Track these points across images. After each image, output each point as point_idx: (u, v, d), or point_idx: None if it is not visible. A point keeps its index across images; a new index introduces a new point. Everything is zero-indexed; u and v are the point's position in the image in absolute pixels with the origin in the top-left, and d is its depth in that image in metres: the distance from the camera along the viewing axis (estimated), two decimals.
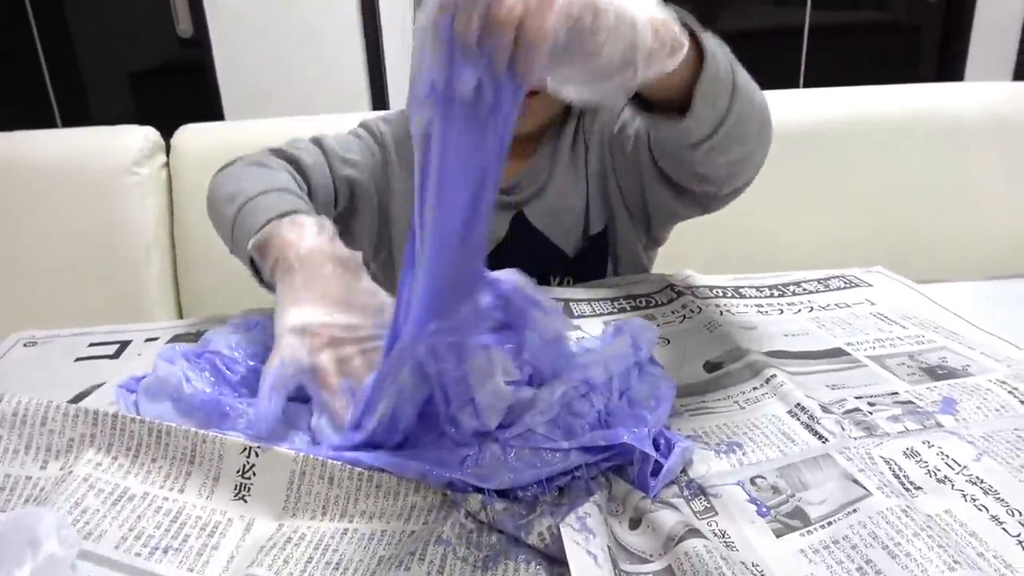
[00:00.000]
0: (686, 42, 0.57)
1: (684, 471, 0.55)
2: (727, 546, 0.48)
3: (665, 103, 0.67)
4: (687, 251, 1.02)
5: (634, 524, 0.51)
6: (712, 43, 0.64)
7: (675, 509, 0.50)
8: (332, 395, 0.59)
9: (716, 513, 0.51)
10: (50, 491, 0.52)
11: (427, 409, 0.56)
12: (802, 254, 0.83)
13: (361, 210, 0.97)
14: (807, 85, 2.75)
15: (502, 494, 0.52)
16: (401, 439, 0.56)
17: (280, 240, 0.67)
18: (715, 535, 0.49)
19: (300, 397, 0.60)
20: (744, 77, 0.68)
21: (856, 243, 1.43)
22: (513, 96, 0.47)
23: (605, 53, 0.50)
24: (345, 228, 0.97)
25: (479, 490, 0.52)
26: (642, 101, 0.69)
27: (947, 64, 2.76)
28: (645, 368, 0.63)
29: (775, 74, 2.76)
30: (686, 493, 0.53)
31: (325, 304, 0.62)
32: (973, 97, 1.48)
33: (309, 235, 0.67)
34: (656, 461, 0.53)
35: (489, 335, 0.55)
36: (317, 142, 0.95)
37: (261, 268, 0.70)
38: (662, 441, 0.55)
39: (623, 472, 0.55)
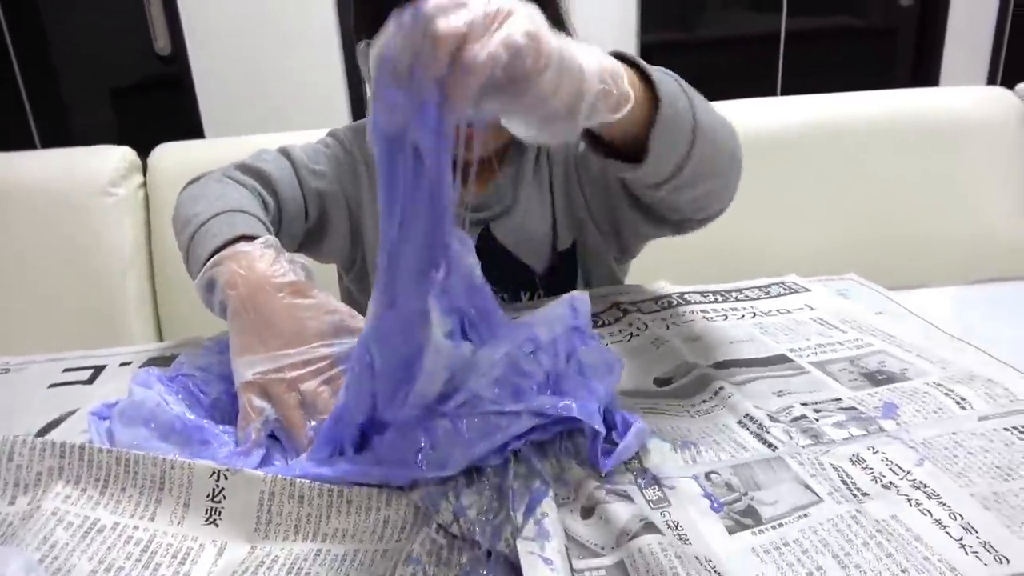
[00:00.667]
0: (632, 95, 0.55)
1: (639, 459, 0.54)
2: (680, 538, 0.47)
3: (620, 146, 0.65)
4: (661, 261, 1.01)
5: (586, 513, 0.50)
6: (669, 85, 0.61)
7: (628, 500, 0.50)
8: (302, 445, 0.58)
9: (669, 504, 0.50)
10: (18, 527, 0.50)
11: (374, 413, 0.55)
12: (781, 262, 0.83)
13: (332, 222, 0.94)
14: (785, 91, 2.76)
15: (468, 482, 0.51)
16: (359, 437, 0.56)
17: (223, 279, 0.64)
18: (668, 526, 0.48)
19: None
20: (707, 114, 0.66)
21: (836, 249, 1.41)
22: (437, 127, 0.44)
23: (547, 97, 0.48)
24: (317, 241, 0.94)
25: (445, 495, 0.51)
26: (596, 139, 0.66)
27: (922, 68, 2.78)
28: (588, 338, 0.61)
29: (753, 80, 2.77)
30: (640, 482, 0.52)
31: (276, 344, 0.60)
32: (949, 101, 1.48)
33: (252, 267, 0.64)
34: (605, 439, 0.52)
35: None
36: (285, 153, 0.92)
37: (211, 307, 0.67)
38: (618, 419, 0.54)
39: (576, 442, 0.54)
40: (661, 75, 0.62)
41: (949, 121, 1.45)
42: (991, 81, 2.73)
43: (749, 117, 1.43)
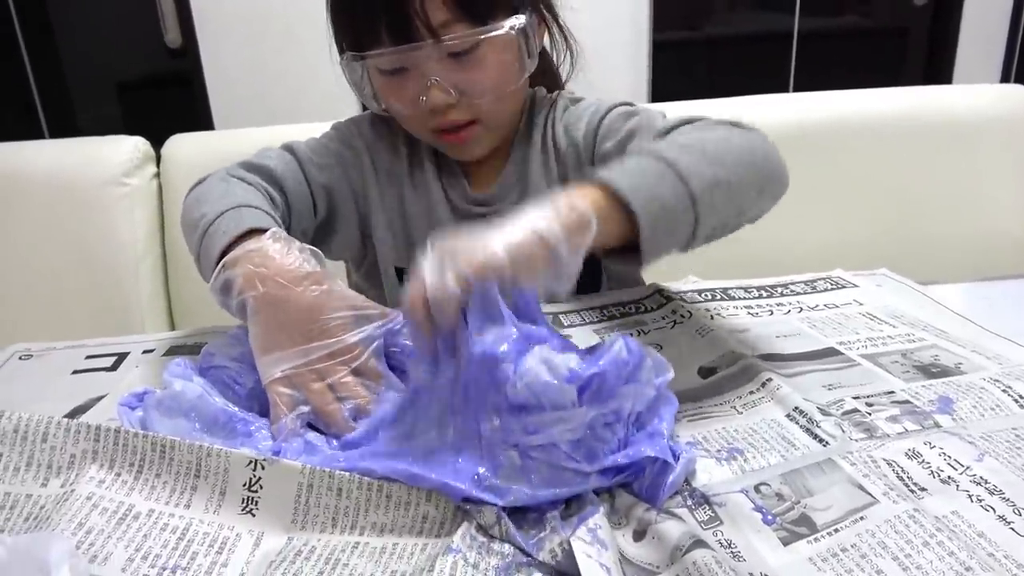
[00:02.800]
0: (593, 221, 0.57)
1: (687, 481, 0.53)
2: (734, 556, 0.46)
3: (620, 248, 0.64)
4: (685, 258, 1.00)
5: (638, 536, 0.49)
6: (646, 180, 0.61)
7: (680, 520, 0.49)
8: (343, 429, 0.58)
9: (721, 522, 0.49)
10: (51, 510, 0.49)
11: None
12: (801, 259, 0.82)
13: (341, 216, 0.92)
14: (796, 90, 2.75)
15: (515, 512, 0.50)
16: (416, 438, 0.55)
17: (240, 281, 0.62)
18: (721, 545, 0.47)
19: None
20: (710, 170, 0.64)
21: (854, 246, 1.40)
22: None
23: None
24: (326, 237, 0.93)
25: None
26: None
27: (935, 67, 2.76)
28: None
29: (765, 79, 2.76)
30: (690, 503, 0.51)
31: (300, 339, 0.59)
32: (963, 99, 1.46)
33: (267, 263, 0.62)
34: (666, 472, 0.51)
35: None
36: (289, 149, 0.90)
37: (228, 309, 0.65)
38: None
39: (627, 486, 0.53)
40: (632, 173, 0.62)
41: (963, 119, 1.44)
42: (1005, 80, 2.72)
43: (762, 113, 1.42)
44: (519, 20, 0.79)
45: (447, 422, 0.53)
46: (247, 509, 0.51)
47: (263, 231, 0.67)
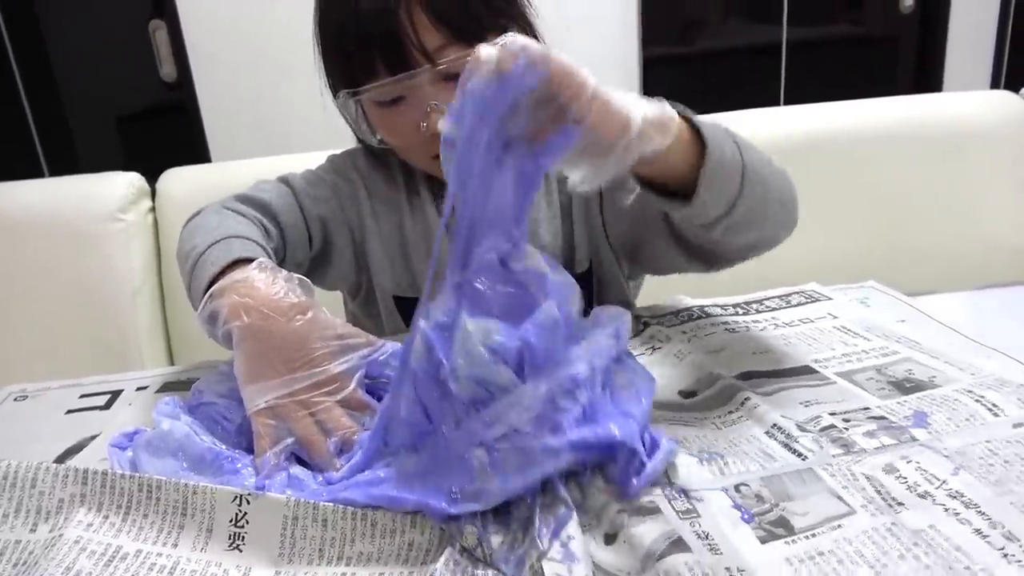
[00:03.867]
0: (677, 119, 0.56)
1: (667, 474, 0.53)
2: (711, 549, 0.46)
3: (670, 185, 0.65)
4: (676, 275, 1.01)
5: (609, 539, 0.49)
6: (714, 129, 0.62)
7: (655, 514, 0.49)
8: (327, 461, 0.58)
9: (699, 515, 0.49)
10: (40, 555, 0.50)
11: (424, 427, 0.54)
12: (794, 271, 0.83)
13: (336, 248, 0.93)
14: (788, 101, 2.75)
15: (496, 516, 0.51)
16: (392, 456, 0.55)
17: (225, 311, 0.63)
18: (698, 536, 0.47)
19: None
20: (758, 161, 0.66)
21: (843, 258, 1.40)
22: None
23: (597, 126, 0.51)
24: (322, 268, 0.94)
25: (474, 514, 0.50)
26: (648, 183, 0.67)
27: (925, 74, 2.77)
28: (622, 358, 0.60)
29: (756, 91, 2.77)
30: (667, 492, 0.51)
31: (285, 369, 0.59)
32: (954, 106, 1.47)
33: (253, 294, 0.62)
34: (639, 461, 0.52)
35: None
36: (285, 181, 0.91)
37: (215, 338, 0.66)
38: (646, 438, 0.53)
39: (602, 469, 0.53)
40: (706, 121, 0.63)
41: (955, 126, 1.44)
42: (995, 85, 2.73)
43: (755, 127, 1.42)
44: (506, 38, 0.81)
45: (419, 445, 0.54)
46: (234, 545, 0.52)
47: (251, 260, 0.67)
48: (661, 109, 0.55)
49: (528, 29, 0.86)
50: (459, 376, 0.51)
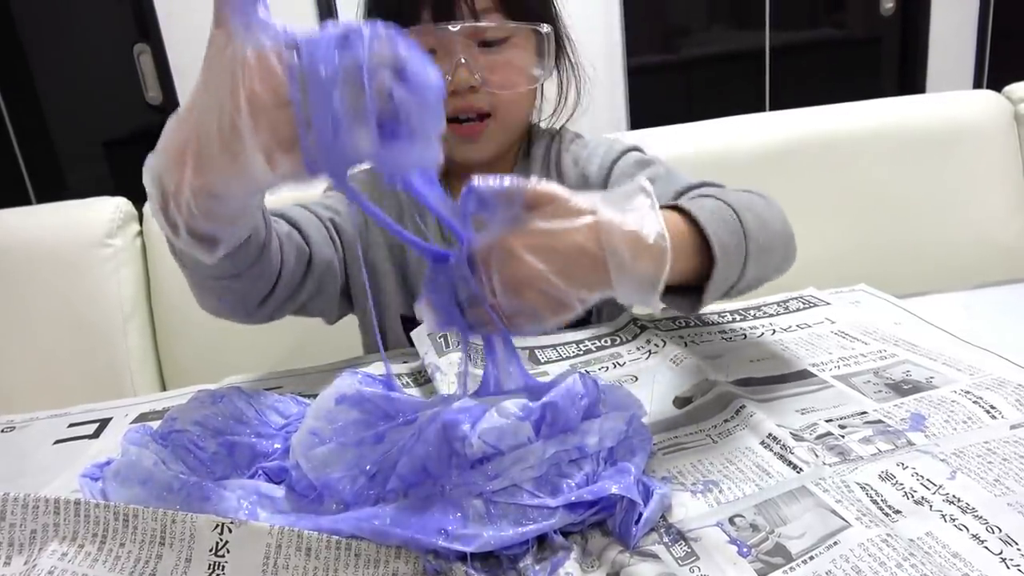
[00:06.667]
0: (668, 255, 0.54)
1: (663, 516, 0.52)
2: None
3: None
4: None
5: None
6: (715, 217, 0.61)
7: (655, 559, 0.48)
8: None
9: (698, 558, 0.48)
10: None
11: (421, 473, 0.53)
12: (785, 277, 0.82)
13: (348, 259, 0.92)
14: (773, 105, 2.76)
15: (485, 557, 0.49)
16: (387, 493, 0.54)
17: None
18: None
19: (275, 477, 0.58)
20: (759, 231, 0.65)
21: (834, 261, 1.36)
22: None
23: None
24: (345, 285, 0.92)
25: (462, 557, 0.49)
26: None
27: (908, 75, 2.78)
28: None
29: (741, 96, 2.78)
30: (666, 539, 0.50)
31: None
32: (939, 107, 1.47)
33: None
34: (638, 512, 0.51)
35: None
36: (299, 205, 0.89)
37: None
38: (640, 487, 0.52)
39: (600, 523, 0.52)
40: (711, 222, 0.61)
41: (940, 127, 1.44)
42: (977, 84, 2.73)
43: (741, 133, 1.42)
44: (547, 27, 0.84)
45: (411, 492, 0.53)
46: (214, 574, 0.50)
47: None
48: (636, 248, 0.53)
49: (559, 30, 0.90)
50: (475, 437, 0.51)
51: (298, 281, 0.81)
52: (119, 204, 1.37)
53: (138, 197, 1.40)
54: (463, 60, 0.80)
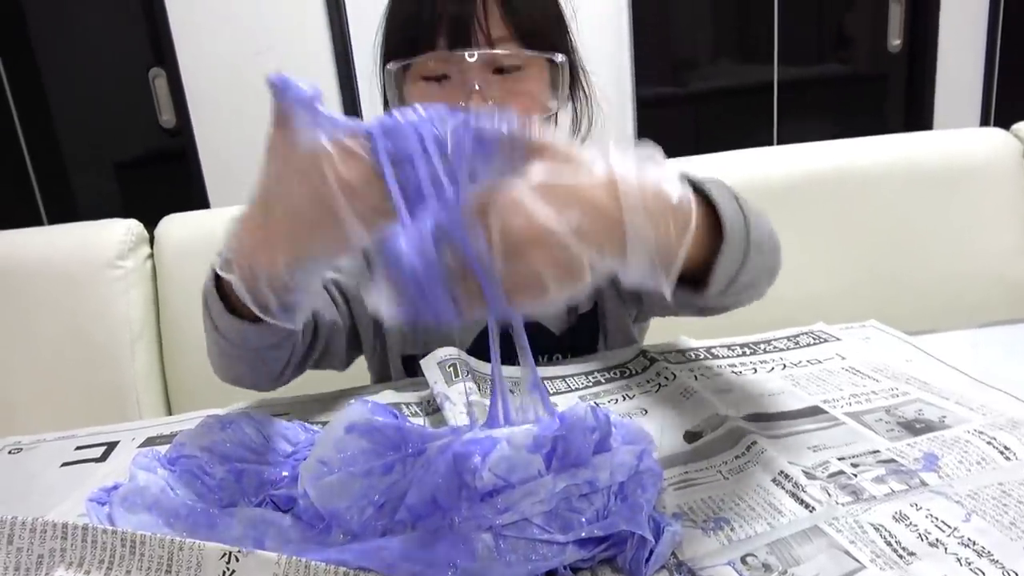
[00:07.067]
0: (692, 203, 0.52)
1: (673, 553, 0.51)
2: None
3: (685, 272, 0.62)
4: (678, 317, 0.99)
5: None
6: (724, 199, 0.59)
7: None
8: None
9: None
10: None
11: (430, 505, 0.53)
12: (790, 312, 0.82)
13: (358, 316, 0.93)
14: (780, 140, 2.77)
15: None
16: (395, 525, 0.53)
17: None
18: None
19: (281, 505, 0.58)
20: (757, 230, 0.63)
21: (841, 298, 1.39)
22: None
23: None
24: (353, 338, 0.94)
25: None
26: None
27: (914, 111, 2.79)
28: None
29: (749, 130, 2.79)
30: (676, 574, 0.50)
31: None
32: (947, 144, 1.47)
33: None
34: (649, 549, 0.50)
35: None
36: None
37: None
38: (651, 524, 0.52)
39: (611, 560, 0.51)
40: (721, 198, 0.59)
41: (948, 164, 1.44)
42: (984, 122, 2.74)
43: (750, 167, 1.42)
44: (562, 57, 0.84)
45: (419, 525, 0.52)
46: None
47: None
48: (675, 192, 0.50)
49: (574, 61, 0.90)
50: (486, 469, 0.51)
51: (308, 344, 0.84)
52: (131, 226, 1.38)
53: (147, 218, 1.41)
54: (477, 87, 0.80)
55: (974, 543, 0.48)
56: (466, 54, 0.79)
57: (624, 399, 0.75)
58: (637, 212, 0.47)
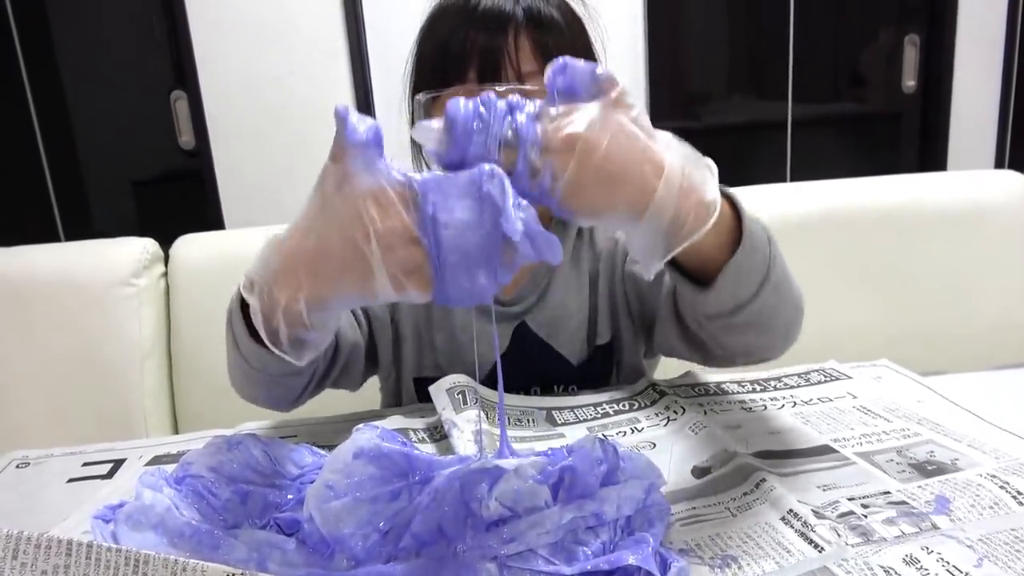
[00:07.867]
0: (717, 209, 0.56)
1: None
2: None
3: (693, 270, 0.66)
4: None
5: None
6: (756, 227, 0.63)
7: None
8: None
9: None
10: None
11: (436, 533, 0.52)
12: (802, 350, 0.81)
13: (378, 336, 0.93)
14: (794, 176, 2.78)
15: None
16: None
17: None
18: None
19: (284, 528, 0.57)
20: (782, 273, 0.67)
21: (856, 337, 1.38)
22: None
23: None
24: (370, 358, 0.94)
25: None
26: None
27: (928, 151, 2.79)
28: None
29: (762, 166, 2.80)
30: None
31: None
32: (960, 185, 1.47)
33: None
34: None
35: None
36: None
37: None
38: (658, 559, 0.51)
39: None
40: (752, 218, 0.63)
41: (962, 206, 1.44)
42: (999, 163, 2.74)
43: (762, 204, 1.42)
44: None
45: (424, 552, 0.52)
46: None
47: None
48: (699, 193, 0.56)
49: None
50: (492, 499, 0.51)
51: (327, 366, 0.84)
52: (146, 244, 1.38)
53: (163, 237, 1.42)
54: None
55: None
56: (495, 87, 0.80)
57: (632, 432, 0.75)
58: (671, 189, 0.54)
